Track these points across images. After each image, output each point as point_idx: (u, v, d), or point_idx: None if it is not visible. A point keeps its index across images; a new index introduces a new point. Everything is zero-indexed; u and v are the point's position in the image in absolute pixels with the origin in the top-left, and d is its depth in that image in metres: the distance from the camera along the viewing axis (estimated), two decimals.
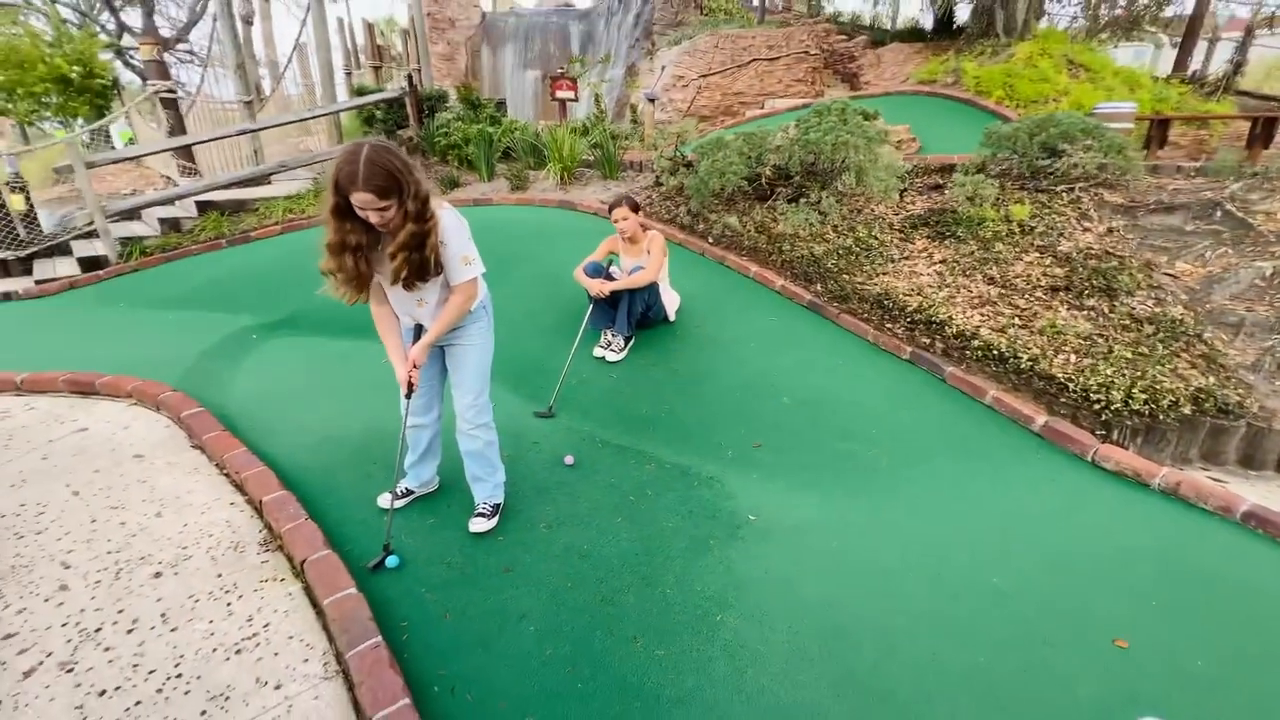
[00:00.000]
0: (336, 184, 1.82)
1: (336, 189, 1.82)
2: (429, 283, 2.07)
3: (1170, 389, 3.02)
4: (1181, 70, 10.58)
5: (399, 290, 2.09)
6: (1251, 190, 4.21)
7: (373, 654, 1.76)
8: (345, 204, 1.85)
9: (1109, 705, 1.74)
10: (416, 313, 2.19)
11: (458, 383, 2.34)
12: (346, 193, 1.82)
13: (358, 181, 1.79)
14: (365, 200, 1.82)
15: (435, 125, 8.05)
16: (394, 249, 1.93)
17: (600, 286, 3.66)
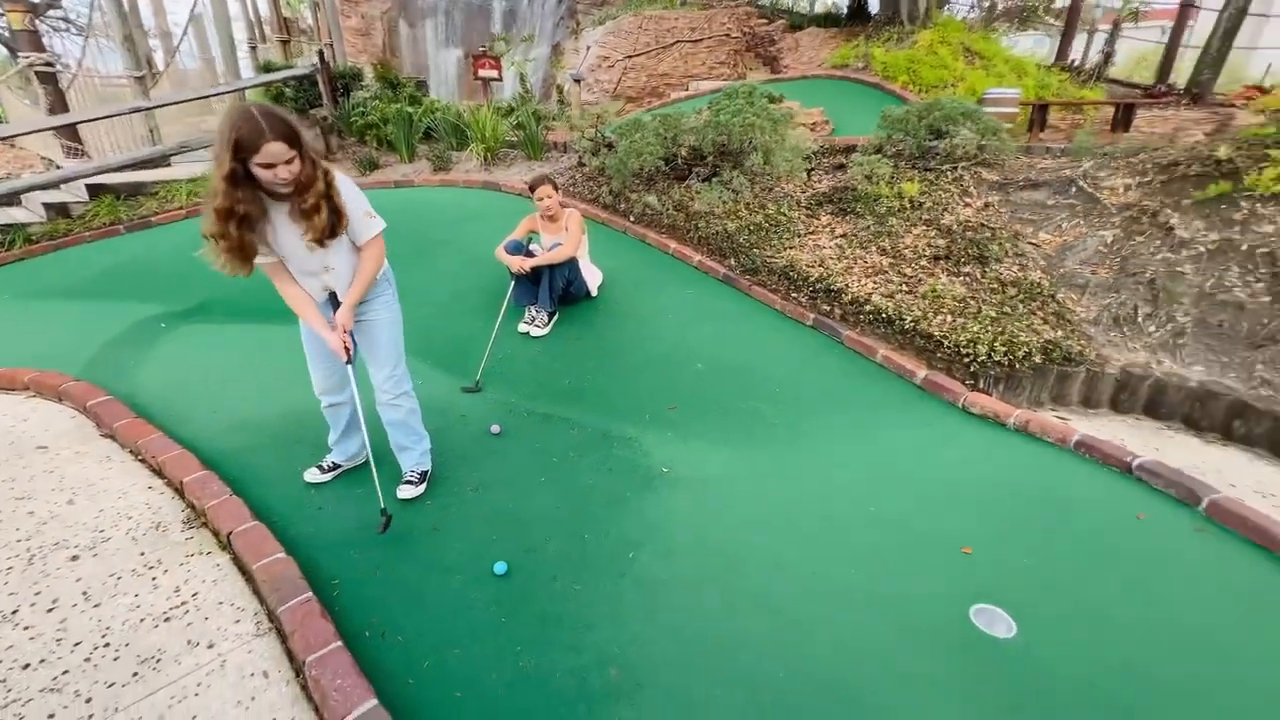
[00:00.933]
0: (237, 145, 1.74)
1: (236, 151, 1.75)
2: (335, 243, 2.06)
3: (1025, 342, 3.48)
4: (1063, 59, 11.56)
5: (306, 259, 2.07)
6: (1100, 169, 4.79)
7: (303, 608, 1.87)
8: (242, 169, 1.79)
9: (954, 599, 2.09)
10: (326, 279, 2.17)
11: (372, 357, 2.38)
12: (252, 152, 1.75)
13: (266, 134, 1.74)
14: (277, 152, 1.77)
15: (351, 104, 7.79)
16: (311, 202, 1.90)
17: (521, 263, 3.78)
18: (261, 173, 1.81)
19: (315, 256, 2.07)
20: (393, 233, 2.31)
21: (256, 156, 1.77)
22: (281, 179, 1.82)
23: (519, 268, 3.78)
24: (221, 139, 1.75)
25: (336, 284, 2.18)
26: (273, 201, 1.95)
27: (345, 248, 2.14)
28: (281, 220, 1.98)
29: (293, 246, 2.03)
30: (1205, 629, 2.00)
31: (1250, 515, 2.45)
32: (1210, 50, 8.87)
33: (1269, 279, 3.56)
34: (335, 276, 2.17)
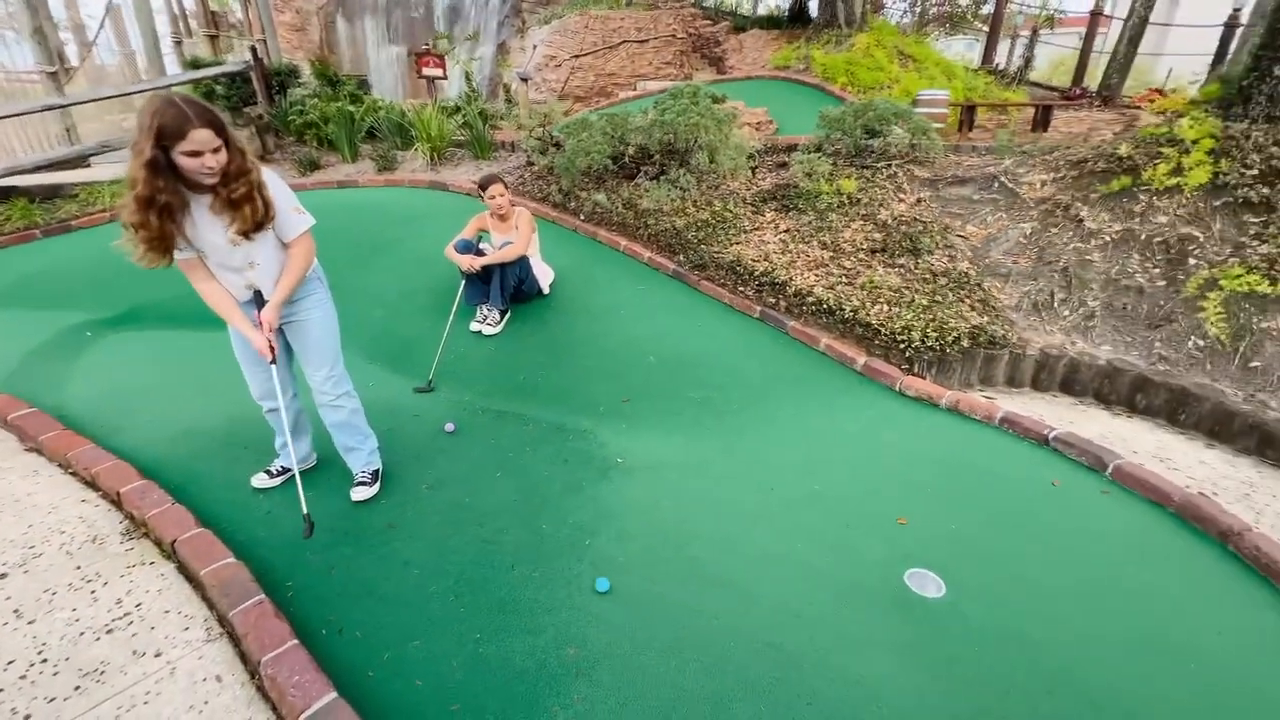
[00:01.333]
0: (160, 132, 1.69)
1: (158, 139, 1.70)
2: (260, 238, 2.01)
3: (955, 328, 3.71)
4: (988, 63, 12.23)
5: (229, 254, 2.00)
6: (1020, 166, 5.14)
7: (256, 609, 1.85)
8: (164, 157, 1.74)
9: (889, 565, 2.24)
10: (250, 276, 2.10)
11: (307, 358, 2.33)
12: (177, 138, 1.71)
13: (192, 120, 1.71)
14: (204, 139, 1.74)
15: (289, 103, 7.54)
16: (242, 191, 1.86)
17: (471, 262, 3.78)
18: (187, 161, 1.76)
19: (239, 251, 2.01)
20: (338, 234, 2.33)
21: (182, 144, 1.73)
22: (208, 168, 1.78)
23: (469, 266, 3.77)
24: (143, 125, 1.70)
25: (261, 281, 2.12)
26: (194, 194, 1.90)
27: (271, 243, 2.08)
28: (202, 213, 1.93)
29: (214, 241, 1.96)
30: (1110, 580, 2.21)
31: (1149, 478, 2.71)
32: (1118, 56, 9.57)
33: (1164, 265, 3.91)
34: (260, 273, 2.11)
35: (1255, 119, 4.17)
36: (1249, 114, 4.21)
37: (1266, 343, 3.38)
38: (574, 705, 1.67)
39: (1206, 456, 3.09)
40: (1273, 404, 3.16)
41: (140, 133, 1.71)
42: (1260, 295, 3.51)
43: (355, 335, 3.97)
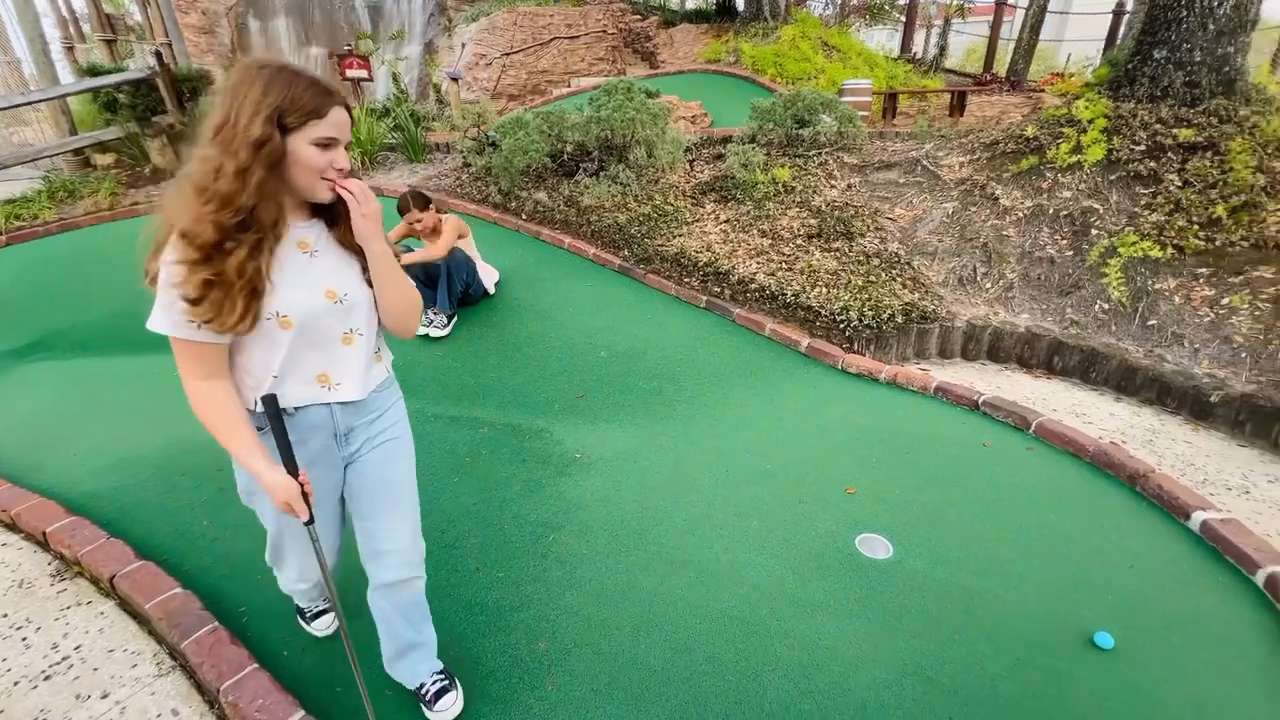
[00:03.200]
0: (284, 108, 1.09)
1: (279, 116, 1.09)
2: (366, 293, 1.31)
3: (889, 305, 3.91)
4: (907, 52, 12.80)
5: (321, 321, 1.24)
6: (939, 149, 5.44)
7: (210, 637, 1.79)
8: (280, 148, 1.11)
9: (841, 533, 2.36)
10: (336, 362, 1.30)
11: (388, 507, 1.47)
12: (311, 118, 1.11)
13: (333, 94, 1.14)
14: (344, 125, 1.17)
15: (202, 111, 7.12)
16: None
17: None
18: (314, 156, 1.13)
19: (342, 313, 1.27)
20: None
21: (318, 127, 1.12)
22: (340, 170, 1.17)
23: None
24: (245, 96, 1.08)
25: (349, 373, 1.32)
26: (298, 216, 1.24)
27: (370, 303, 1.32)
28: (291, 254, 1.21)
29: (302, 299, 1.21)
30: (1037, 528, 2.40)
31: (1067, 432, 2.95)
32: (1022, 43, 10.21)
33: (1070, 236, 4.23)
34: (354, 357, 1.32)
35: (1140, 99, 4.56)
36: (1135, 94, 4.60)
37: (1160, 302, 3.72)
38: (549, 696, 1.70)
39: (1115, 409, 3.38)
40: (1168, 358, 3.49)
41: (235, 106, 1.08)
42: (1153, 259, 3.85)
43: None
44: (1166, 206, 4.00)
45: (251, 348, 1.22)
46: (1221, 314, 3.53)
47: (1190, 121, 4.25)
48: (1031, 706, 1.70)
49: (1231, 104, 4.22)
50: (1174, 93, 4.43)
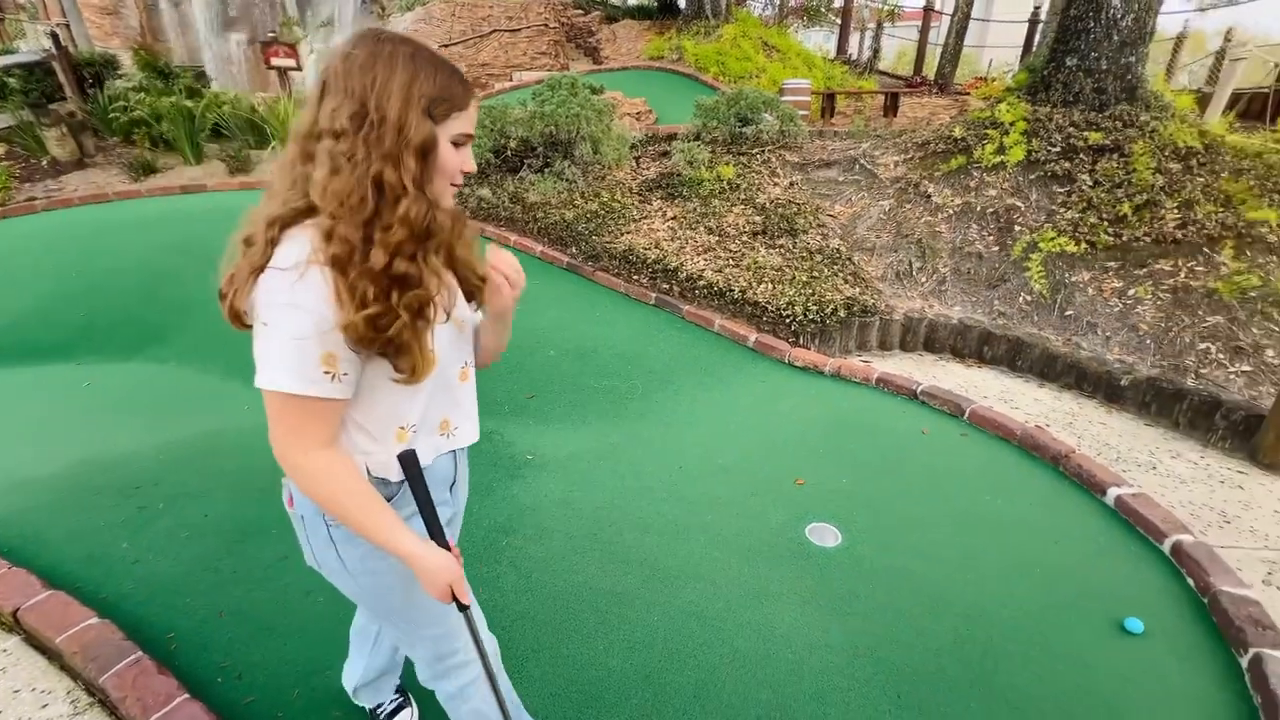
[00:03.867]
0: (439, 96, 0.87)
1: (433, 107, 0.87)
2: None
3: (832, 300, 4.04)
4: (842, 54, 13.22)
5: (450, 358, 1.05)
6: (875, 149, 5.64)
7: (133, 669, 1.66)
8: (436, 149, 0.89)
9: (792, 523, 2.42)
10: (457, 402, 1.11)
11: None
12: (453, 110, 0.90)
13: (469, 82, 0.93)
14: (475, 118, 0.97)
15: (108, 97, 6.60)
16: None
17: None
18: (452, 157, 0.92)
19: (458, 345, 1.08)
20: (191, 245, 2.09)
21: (460, 120, 0.92)
22: (467, 170, 0.97)
23: None
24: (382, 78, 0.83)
25: (464, 415, 1.14)
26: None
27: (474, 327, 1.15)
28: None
29: (441, 324, 0.99)
30: (974, 510, 2.54)
31: (997, 418, 3.12)
32: (948, 48, 10.71)
33: (996, 233, 4.48)
34: (467, 397, 1.14)
35: (1055, 104, 4.86)
36: (1050, 99, 4.90)
37: (1076, 294, 3.99)
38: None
39: (1039, 394, 3.61)
40: (1084, 345, 3.75)
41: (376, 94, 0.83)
42: (1069, 254, 4.13)
43: (226, 356, 3.62)
44: (1080, 204, 4.29)
45: (379, 398, 0.95)
46: (1129, 304, 3.82)
47: (1099, 125, 4.57)
48: (971, 678, 1.80)
49: (1134, 109, 4.57)
50: (1084, 98, 4.75)
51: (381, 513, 0.95)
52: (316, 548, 1.07)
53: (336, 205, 0.84)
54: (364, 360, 0.90)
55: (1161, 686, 1.80)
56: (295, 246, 0.84)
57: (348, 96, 0.84)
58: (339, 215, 0.84)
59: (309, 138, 0.86)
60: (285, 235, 0.86)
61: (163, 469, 2.62)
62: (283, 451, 0.90)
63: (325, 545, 1.05)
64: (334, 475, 0.92)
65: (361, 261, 0.84)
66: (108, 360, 3.64)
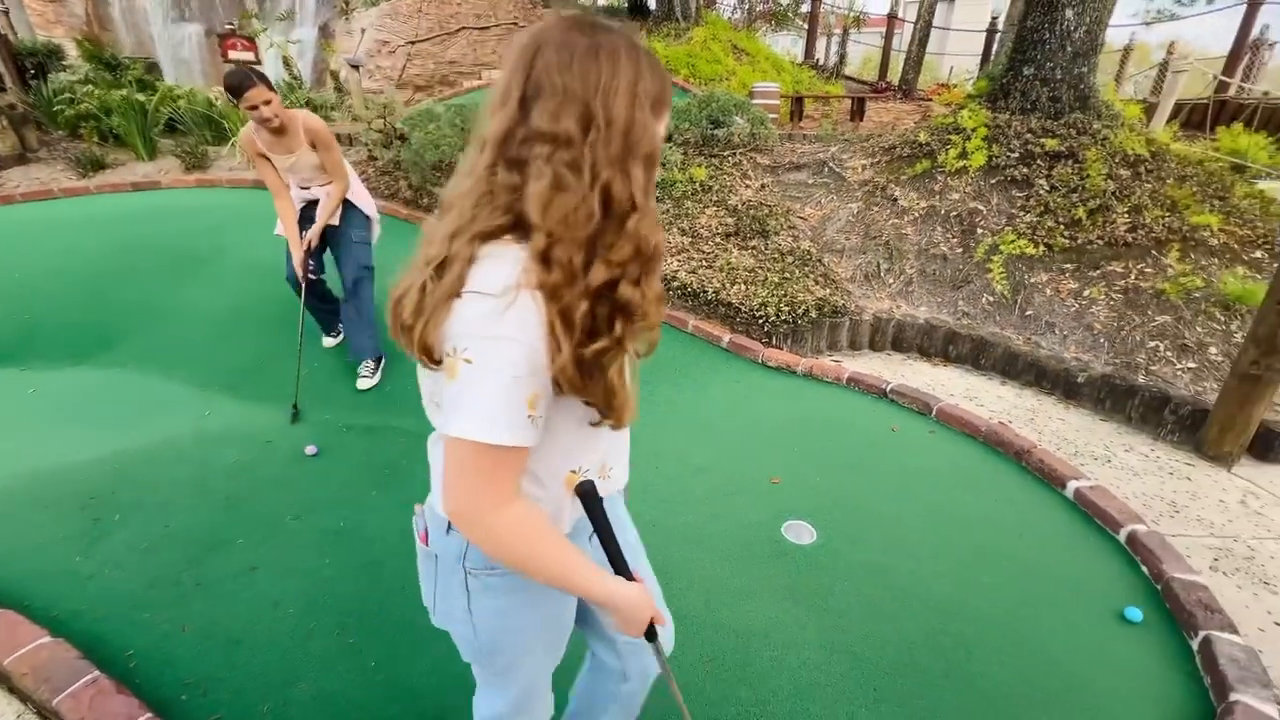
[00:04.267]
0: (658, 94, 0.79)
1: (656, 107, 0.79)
2: None
3: (803, 301, 4.10)
4: (810, 59, 13.45)
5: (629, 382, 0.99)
6: (844, 152, 5.76)
7: (90, 690, 1.58)
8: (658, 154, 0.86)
9: (768, 521, 2.45)
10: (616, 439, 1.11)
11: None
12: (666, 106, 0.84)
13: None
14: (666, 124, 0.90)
15: (53, 90, 6.29)
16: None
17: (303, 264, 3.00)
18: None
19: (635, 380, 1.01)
20: (147, 243, 2.01)
21: (665, 118, 0.87)
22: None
23: (300, 266, 3.00)
24: (604, 77, 0.74)
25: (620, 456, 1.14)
26: None
27: None
28: None
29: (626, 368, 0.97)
30: (944, 505, 2.61)
31: (963, 415, 3.22)
32: (911, 55, 11.00)
33: (960, 235, 4.62)
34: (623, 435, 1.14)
35: (1014, 111, 5.04)
36: (1009, 106, 5.08)
37: (1035, 295, 4.13)
38: None
39: (1002, 392, 3.73)
40: (1043, 344, 3.89)
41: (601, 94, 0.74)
42: (1029, 256, 4.28)
43: (181, 360, 3.48)
44: (1038, 208, 4.45)
45: (558, 441, 0.87)
46: (1084, 304, 3.98)
47: (1054, 133, 4.75)
48: (944, 669, 1.85)
49: (1086, 118, 4.77)
50: (1041, 106, 4.94)
51: (581, 558, 0.85)
52: (444, 593, 1.00)
53: (559, 222, 0.72)
54: (555, 399, 0.79)
55: (1121, 669, 1.88)
56: (501, 267, 0.72)
57: (567, 97, 0.72)
58: (559, 234, 0.72)
59: (514, 143, 0.74)
60: (482, 254, 0.73)
61: (118, 479, 2.51)
62: (468, 509, 0.78)
63: (456, 593, 0.97)
64: (532, 529, 0.80)
65: (580, 286, 0.73)
66: (54, 366, 3.47)
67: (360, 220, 3.20)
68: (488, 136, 0.76)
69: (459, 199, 0.77)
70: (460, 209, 0.77)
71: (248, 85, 2.63)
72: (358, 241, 3.18)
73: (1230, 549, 2.41)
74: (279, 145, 2.85)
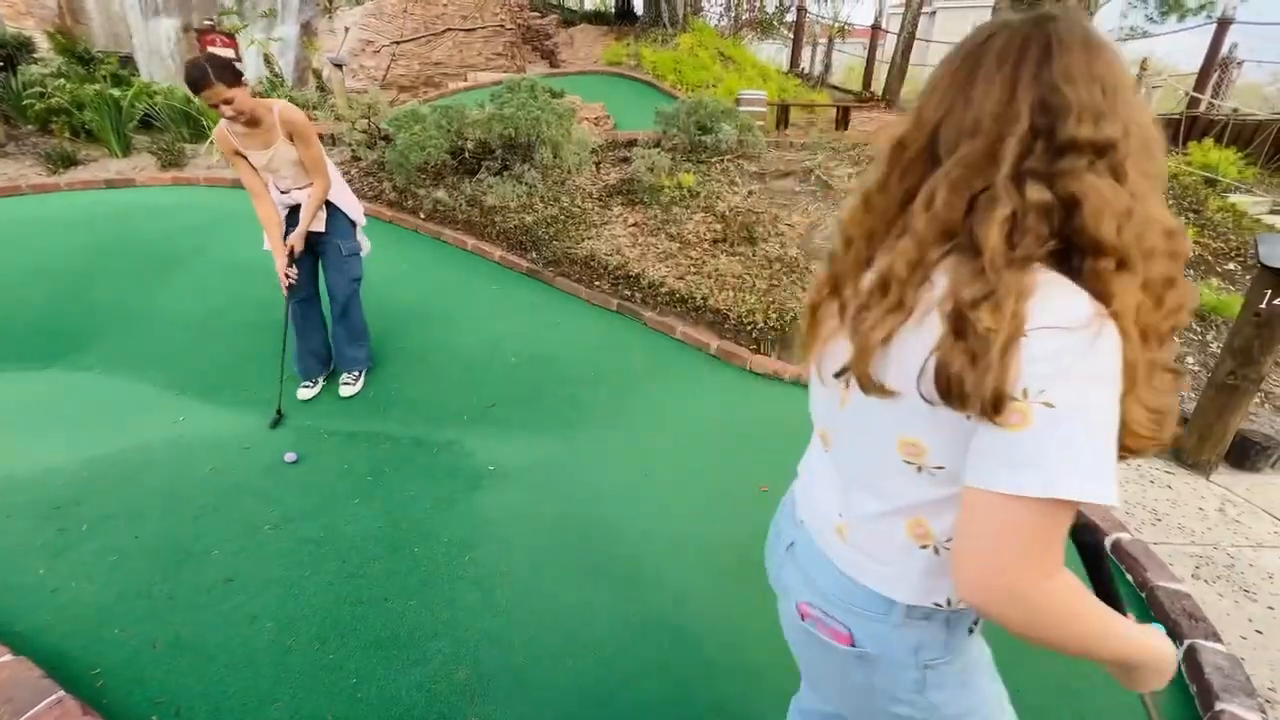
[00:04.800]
0: None
1: None
2: None
3: (791, 308, 4.11)
4: (795, 67, 13.58)
5: None
6: (830, 160, 5.80)
7: (54, 710, 1.51)
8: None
9: (759, 530, 2.43)
10: None
11: None
12: None
13: None
14: None
15: (22, 83, 6.10)
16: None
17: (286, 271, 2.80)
18: None
19: None
20: (120, 243, 1.94)
21: None
22: None
23: (283, 272, 2.81)
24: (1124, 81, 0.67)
25: None
26: None
27: None
28: None
29: None
30: None
31: None
32: (895, 66, 11.16)
33: None
34: None
35: None
36: None
37: None
38: None
39: None
40: None
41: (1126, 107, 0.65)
42: None
43: (155, 363, 3.38)
44: None
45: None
46: None
47: None
48: None
49: None
50: None
51: (1115, 615, 0.73)
52: (890, 698, 0.85)
53: (1133, 240, 0.63)
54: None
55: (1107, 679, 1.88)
56: (1069, 296, 0.63)
57: (1106, 97, 0.64)
58: (1132, 258, 0.63)
59: (1033, 155, 0.64)
60: (1038, 285, 0.63)
61: (85, 487, 2.41)
62: (1021, 580, 0.64)
63: (907, 692, 0.83)
64: (1079, 592, 0.68)
65: (1160, 313, 0.65)
66: (20, 368, 3.34)
67: (346, 228, 3.00)
68: (1006, 151, 0.65)
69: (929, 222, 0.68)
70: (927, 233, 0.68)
71: (203, 83, 2.36)
72: (347, 255, 2.99)
73: (1211, 557, 2.45)
74: (253, 140, 2.64)
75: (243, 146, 2.66)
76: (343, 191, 2.98)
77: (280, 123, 2.62)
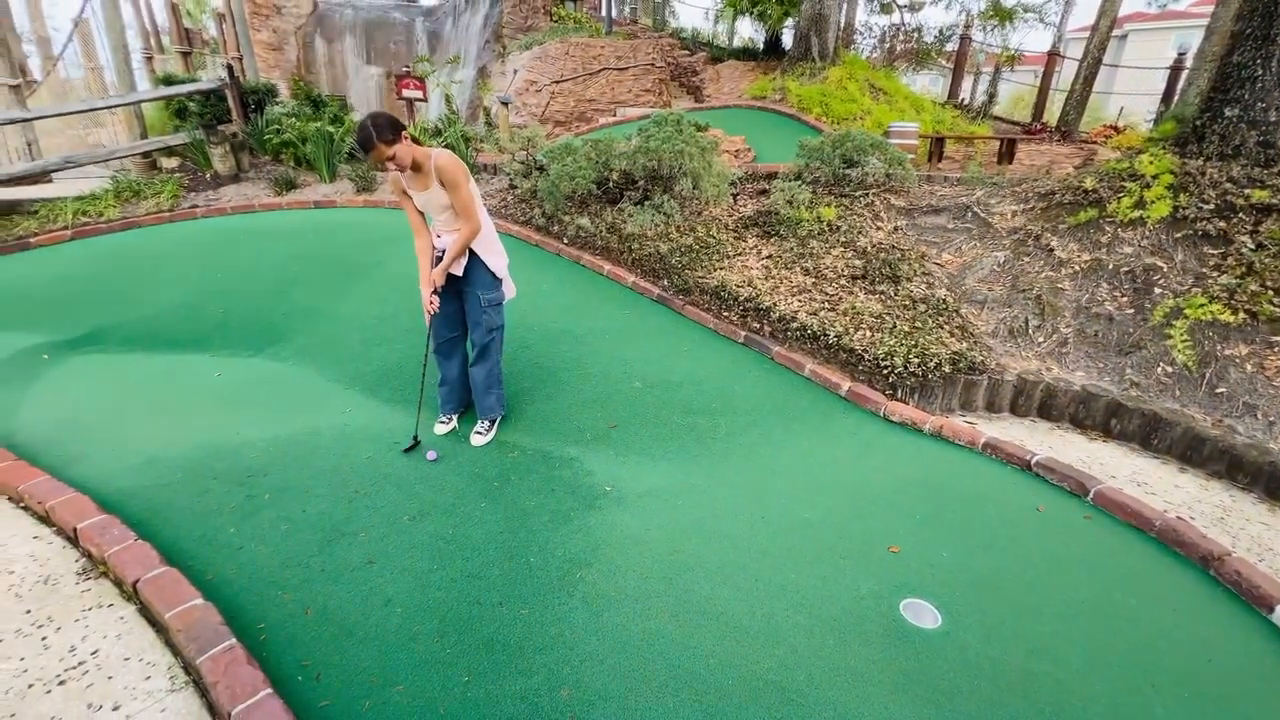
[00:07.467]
0: None
1: None
2: None
3: (935, 353, 3.77)
4: (954, 98, 12.75)
5: None
6: (991, 196, 5.31)
7: (227, 655, 1.74)
8: None
9: (884, 595, 2.22)
10: None
11: None
12: None
13: None
14: None
15: (265, 121, 7.43)
16: None
17: (430, 301, 2.92)
18: None
19: None
20: (316, 254, 2.24)
21: None
22: None
23: (429, 304, 2.93)
24: None
25: None
26: None
27: None
28: None
29: None
30: (1100, 605, 2.22)
31: (1130, 503, 2.76)
32: (1074, 94, 10.06)
33: (1131, 294, 4.05)
34: None
35: (1209, 156, 4.39)
36: (1203, 152, 4.43)
37: (1230, 369, 3.50)
38: None
39: (1180, 481, 3.17)
40: (1240, 429, 3.26)
41: None
42: (1223, 324, 3.65)
43: (333, 359, 3.87)
44: (1238, 269, 3.80)
45: None
46: None
47: (1264, 182, 4.06)
48: None
49: None
50: (1246, 152, 4.26)
51: None
52: None
53: None
54: None
55: None
56: None
57: None
58: None
59: None
60: None
61: (270, 461, 2.80)
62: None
63: None
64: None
65: None
66: (236, 355, 4.00)
67: (487, 279, 3.01)
68: None
69: None
70: None
71: (368, 145, 2.53)
72: (487, 306, 3.02)
73: None
74: (416, 182, 2.83)
75: (408, 187, 2.88)
76: (490, 243, 3.02)
77: (435, 169, 2.78)
